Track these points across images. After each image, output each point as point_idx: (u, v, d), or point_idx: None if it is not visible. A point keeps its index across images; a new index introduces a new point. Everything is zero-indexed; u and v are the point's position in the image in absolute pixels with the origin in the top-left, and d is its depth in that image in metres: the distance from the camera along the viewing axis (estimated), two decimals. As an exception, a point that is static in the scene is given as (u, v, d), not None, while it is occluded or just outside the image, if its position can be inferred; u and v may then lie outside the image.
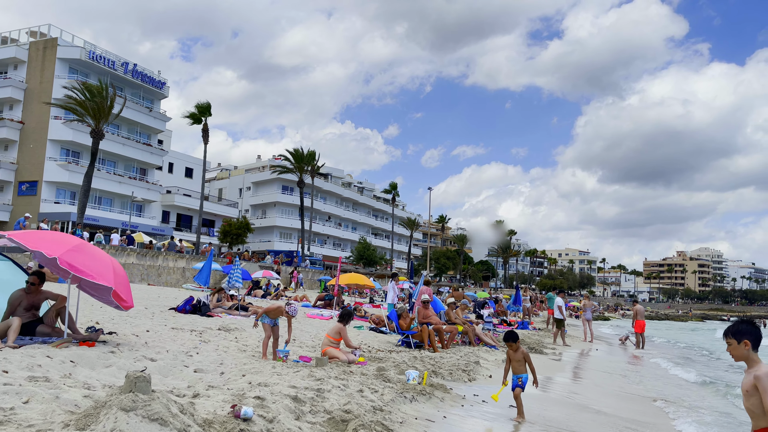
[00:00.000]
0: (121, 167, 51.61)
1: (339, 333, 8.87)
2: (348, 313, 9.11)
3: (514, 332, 6.85)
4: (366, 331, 14.60)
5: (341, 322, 8.93)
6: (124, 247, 31.91)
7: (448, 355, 10.91)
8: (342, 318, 9.01)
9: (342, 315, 9.10)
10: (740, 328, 3.40)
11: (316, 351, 9.40)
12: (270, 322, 8.15)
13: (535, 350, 14.80)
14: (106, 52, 50.19)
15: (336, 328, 8.94)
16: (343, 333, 8.83)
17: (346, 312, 9.14)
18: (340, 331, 8.88)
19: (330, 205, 78.89)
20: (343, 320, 8.96)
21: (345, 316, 9.04)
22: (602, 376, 12.38)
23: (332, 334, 8.95)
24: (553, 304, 24.84)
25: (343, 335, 8.82)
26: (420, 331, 11.90)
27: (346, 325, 8.97)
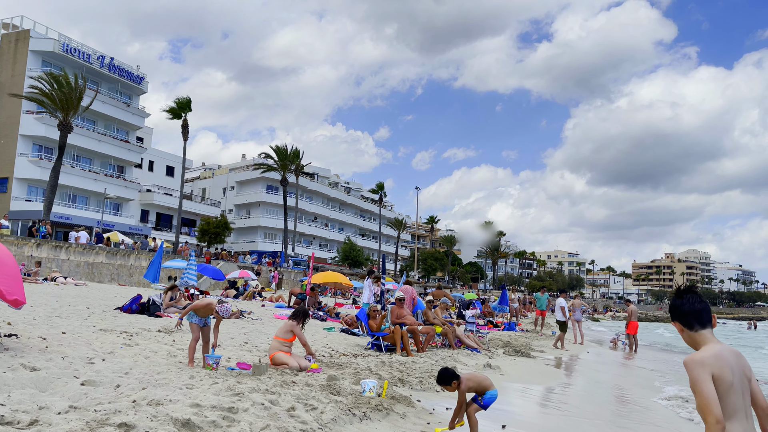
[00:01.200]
0: (97, 164, 49.82)
1: (291, 331, 7.55)
2: (303, 310, 7.77)
3: (445, 373, 5.29)
4: (336, 333, 13.26)
5: (294, 320, 7.60)
6: (93, 245, 30.30)
7: (422, 360, 9.60)
8: (295, 315, 7.68)
9: (296, 312, 7.77)
10: (670, 308, 2.50)
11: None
12: (199, 322, 6.80)
13: (522, 353, 13.53)
14: (82, 45, 48.43)
15: (286, 327, 7.62)
16: (296, 331, 7.50)
17: (301, 309, 7.80)
18: (291, 329, 7.56)
19: (316, 205, 77.41)
20: (296, 318, 7.63)
21: (299, 313, 7.71)
22: (593, 384, 11.13)
23: (281, 335, 7.62)
24: (542, 304, 23.71)
25: (297, 334, 7.49)
26: (392, 332, 10.58)
27: (302, 324, 7.62)
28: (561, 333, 17.23)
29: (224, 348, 8.65)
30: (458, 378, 5.29)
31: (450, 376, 5.24)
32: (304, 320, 7.64)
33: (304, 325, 7.63)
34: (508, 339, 17.18)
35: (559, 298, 17.80)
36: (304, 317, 7.64)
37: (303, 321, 7.61)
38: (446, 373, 5.29)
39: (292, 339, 7.57)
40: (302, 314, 7.67)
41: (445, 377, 5.27)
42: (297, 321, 7.59)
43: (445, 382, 5.25)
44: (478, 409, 5.28)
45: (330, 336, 12.42)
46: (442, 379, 5.29)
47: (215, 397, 4.47)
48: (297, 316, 7.65)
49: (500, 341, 16.16)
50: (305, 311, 7.77)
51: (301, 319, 7.61)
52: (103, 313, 11.35)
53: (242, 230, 71.25)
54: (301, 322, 7.59)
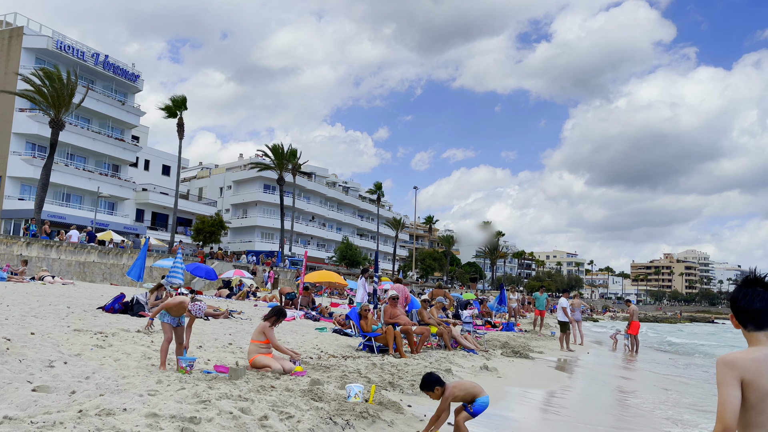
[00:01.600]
0: (91, 163, 49.28)
1: (263, 333, 7.08)
2: (279, 310, 7.29)
3: (428, 378, 4.85)
4: (328, 334, 12.80)
5: (267, 321, 7.13)
6: (84, 244, 29.80)
7: (415, 362, 9.14)
8: (269, 316, 7.21)
9: (270, 312, 7.30)
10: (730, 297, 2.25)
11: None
12: (171, 321, 6.33)
13: (521, 354, 13.08)
14: (76, 43, 47.91)
15: (259, 328, 7.15)
16: (267, 333, 7.02)
17: (277, 309, 7.32)
18: (264, 331, 7.09)
19: (314, 204, 76.92)
20: (269, 318, 7.15)
21: (274, 313, 7.24)
22: (595, 387, 10.68)
23: (256, 337, 7.15)
24: (540, 304, 23.24)
25: (268, 336, 7.01)
26: (384, 332, 10.12)
27: (275, 325, 7.14)
28: (562, 334, 16.78)
29: (205, 349, 8.19)
30: (443, 384, 4.86)
31: (433, 382, 4.81)
32: (277, 320, 7.15)
33: (274, 324, 7.13)
34: (506, 340, 16.72)
35: (561, 298, 17.33)
36: (276, 317, 7.15)
37: (275, 321, 7.12)
38: (429, 378, 4.86)
39: (267, 341, 7.11)
40: (275, 314, 7.19)
41: (428, 383, 4.84)
42: (269, 322, 7.12)
43: (427, 387, 4.83)
44: (468, 417, 4.84)
45: (321, 336, 11.96)
46: (424, 384, 4.87)
47: (177, 405, 4.01)
48: (271, 316, 7.19)
49: (498, 342, 15.71)
50: (279, 310, 7.29)
51: (273, 319, 7.13)
52: (83, 313, 10.88)
53: (239, 230, 70.76)
54: (273, 323, 7.10)
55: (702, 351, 23.23)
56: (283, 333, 12.02)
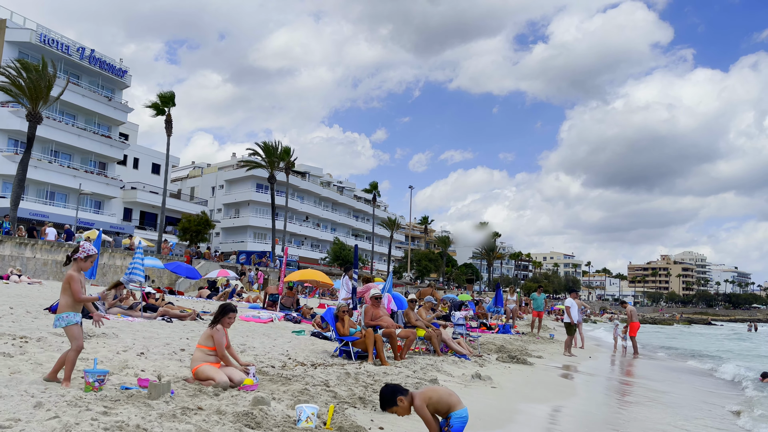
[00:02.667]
0: (77, 160, 47.93)
1: (210, 338, 5.88)
2: (222, 307, 6.08)
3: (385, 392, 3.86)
4: (305, 337, 11.57)
5: (213, 324, 5.93)
6: (62, 243, 28.50)
7: (397, 370, 7.92)
8: (215, 318, 6.00)
9: (218, 312, 6.09)
10: None
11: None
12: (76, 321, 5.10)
13: (518, 360, 11.87)
14: (62, 37, 46.58)
15: (205, 334, 5.95)
16: (216, 338, 5.82)
17: (221, 306, 6.11)
18: (211, 335, 5.88)
19: (308, 204, 75.65)
20: (215, 321, 5.95)
21: (220, 313, 6.04)
22: (602, 399, 9.49)
23: (203, 342, 5.94)
24: (538, 305, 22.05)
25: (216, 341, 5.81)
26: (363, 336, 8.90)
27: (224, 326, 5.94)
28: (568, 337, 15.58)
29: (147, 357, 6.96)
30: (405, 393, 3.73)
31: (391, 394, 3.67)
32: (221, 320, 5.95)
33: (223, 325, 5.92)
34: (502, 343, 15.51)
35: (568, 298, 16.12)
36: (221, 316, 5.96)
37: (220, 321, 5.92)
38: (386, 391, 3.72)
39: (215, 347, 5.90)
40: (219, 314, 6.00)
41: (386, 397, 3.71)
42: (215, 324, 5.92)
43: (388, 403, 3.70)
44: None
45: (296, 340, 10.73)
46: (384, 400, 3.75)
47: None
48: (216, 318, 5.99)
49: (494, 345, 14.51)
50: (222, 308, 6.08)
51: (220, 320, 5.93)
52: (24, 314, 9.64)
53: (231, 230, 69.46)
54: (220, 325, 5.90)
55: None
56: (255, 336, 10.81)
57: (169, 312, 11.85)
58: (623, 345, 19.44)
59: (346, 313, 9.28)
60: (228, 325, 5.99)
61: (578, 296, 17.40)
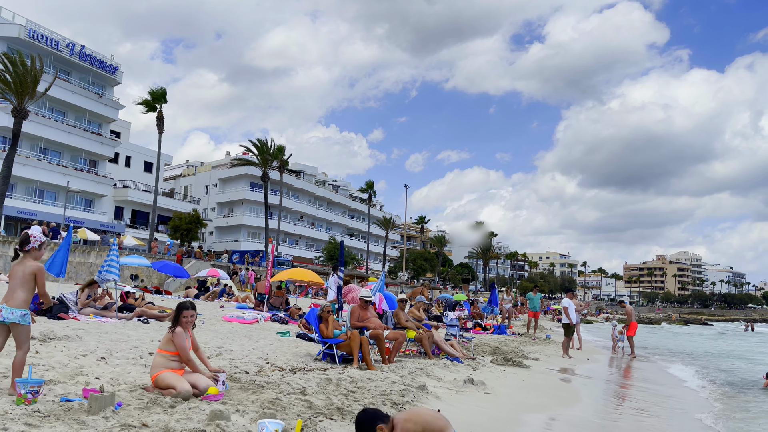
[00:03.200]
0: (66, 158, 47.16)
1: (171, 342, 5.32)
2: (179, 306, 5.53)
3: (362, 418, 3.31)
4: (290, 339, 11.00)
5: (172, 327, 5.37)
6: (48, 241, 27.80)
7: (383, 375, 7.35)
8: (173, 319, 5.44)
9: (175, 313, 5.52)
10: None
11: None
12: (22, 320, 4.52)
13: (513, 362, 11.33)
14: (52, 32, 45.81)
15: (165, 338, 5.39)
16: (177, 342, 5.27)
17: (180, 306, 5.55)
18: (171, 337, 5.33)
19: (302, 203, 75.01)
20: (174, 323, 5.39)
21: (177, 313, 5.48)
22: (602, 406, 8.95)
23: (164, 346, 5.38)
24: (534, 305, 21.51)
25: (177, 345, 5.26)
26: (348, 339, 8.33)
27: (184, 327, 5.39)
28: (566, 338, 15.04)
29: (108, 362, 6.38)
30: (386, 419, 3.16)
31: (370, 421, 3.10)
32: (178, 317, 5.40)
33: (183, 327, 5.36)
34: (497, 344, 14.98)
35: (565, 299, 15.54)
36: (176, 315, 5.41)
37: (179, 322, 5.37)
38: (363, 418, 3.15)
39: (177, 352, 5.33)
40: (176, 314, 5.45)
41: (364, 426, 3.13)
42: (174, 328, 5.37)
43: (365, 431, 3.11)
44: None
45: (279, 343, 10.16)
46: (360, 428, 3.15)
47: None
48: (175, 320, 5.43)
49: (488, 347, 13.97)
50: (179, 307, 5.53)
51: (177, 322, 5.38)
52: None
53: (225, 229, 68.78)
54: (180, 328, 5.34)
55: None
56: (235, 338, 10.24)
57: (146, 312, 11.27)
58: (620, 346, 18.99)
59: (330, 314, 8.71)
60: (187, 325, 5.43)
61: (575, 296, 16.87)
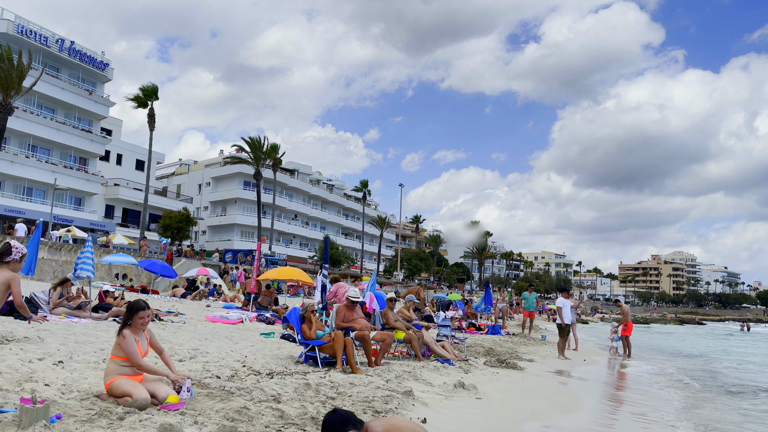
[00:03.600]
0: (56, 155, 46.48)
1: (120, 347, 4.82)
2: (131, 307, 5.02)
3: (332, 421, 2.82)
4: (273, 340, 10.51)
5: (121, 330, 4.88)
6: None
7: (367, 380, 6.87)
8: (123, 321, 4.94)
9: (125, 314, 5.02)
10: None
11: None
12: None
13: (507, 364, 10.87)
14: (41, 28, 45.11)
15: (116, 343, 4.89)
16: (124, 347, 4.77)
17: (131, 306, 5.05)
18: (119, 342, 4.84)
19: (296, 202, 74.46)
20: (122, 326, 4.90)
21: (128, 315, 4.99)
22: (602, 413, 8.49)
23: (116, 352, 4.88)
24: (530, 305, 21.07)
25: (126, 350, 4.77)
26: (331, 340, 7.85)
27: (137, 329, 4.90)
28: (560, 339, 14.58)
29: (65, 367, 5.86)
30: (359, 425, 2.69)
31: (339, 425, 2.64)
32: (130, 319, 4.90)
33: (134, 328, 4.87)
34: (491, 345, 14.53)
35: (559, 298, 15.05)
36: (129, 317, 4.91)
37: (127, 322, 4.88)
38: (332, 420, 2.68)
39: (128, 357, 4.83)
40: (127, 316, 4.95)
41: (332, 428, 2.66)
42: (121, 331, 4.87)
43: None
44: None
45: (261, 344, 9.66)
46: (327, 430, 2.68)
47: None
48: (125, 322, 4.94)
49: (482, 348, 13.53)
50: (129, 307, 5.03)
51: (127, 324, 4.89)
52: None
53: (218, 228, 68.17)
54: (126, 325, 4.86)
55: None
56: (215, 339, 9.73)
57: (122, 312, 10.73)
58: (615, 346, 18.60)
59: (314, 314, 8.22)
60: (141, 326, 4.94)
61: (570, 295, 16.42)
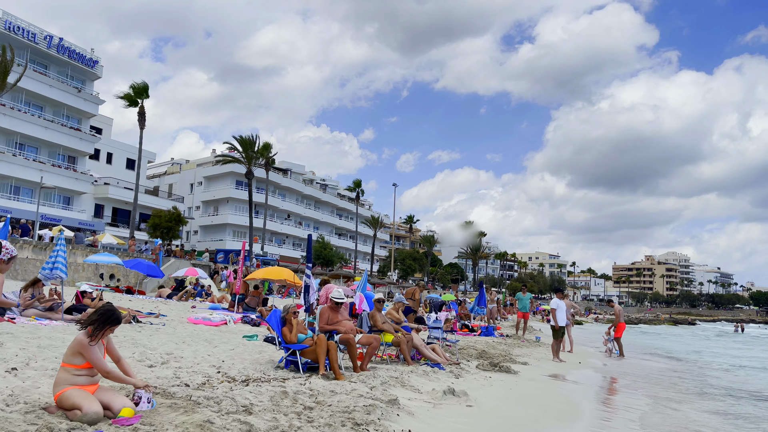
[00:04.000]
0: (44, 153, 45.76)
1: (80, 354, 4.36)
2: (103, 312, 4.56)
3: None
4: (256, 343, 10.04)
5: (88, 337, 4.42)
6: (16, 238, 26.61)
7: (350, 386, 6.41)
8: (92, 326, 4.48)
9: (97, 321, 4.54)
10: None
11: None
12: None
13: (500, 368, 10.45)
14: (29, 24, 44.37)
15: (73, 346, 4.42)
16: (87, 353, 4.32)
17: (101, 310, 4.58)
18: (79, 349, 4.37)
19: (289, 202, 73.88)
20: (87, 329, 4.44)
21: (95, 318, 4.52)
22: (593, 417, 8.07)
23: (69, 359, 4.42)
24: (524, 305, 20.68)
25: (89, 357, 4.32)
26: (313, 344, 7.39)
27: (100, 337, 4.44)
28: (554, 341, 14.17)
29: (17, 374, 5.38)
30: None
31: None
32: (100, 329, 4.44)
33: (98, 336, 4.41)
34: (484, 347, 14.12)
35: (554, 299, 14.64)
36: (98, 324, 4.44)
37: (97, 331, 4.41)
38: None
39: (85, 365, 4.37)
40: (95, 319, 4.48)
41: None
42: (93, 336, 4.41)
43: None
44: None
45: (241, 347, 9.18)
46: None
47: None
48: (92, 324, 4.47)
49: (474, 350, 13.11)
50: (102, 312, 4.56)
51: (99, 327, 4.42)
52: None
53: (210, 228, 67.51)
54: (95, 336, 4.39)
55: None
56: (193, 342, 9.25)
57: (98, 314, 10.24)
58: (608, 347, 18.28)
59: (296, 316, 7.76)
60: (101, 335, 4.48)
61: (565, 296, 16.02)
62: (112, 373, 4.53)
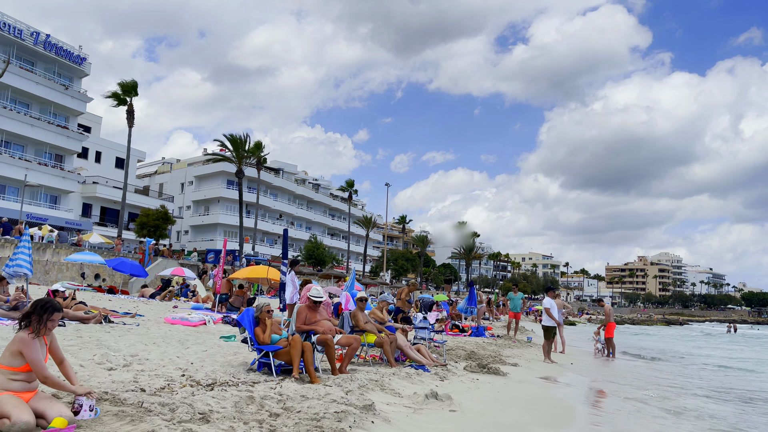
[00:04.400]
0: (30, 152, 45.01)
1: (20, 353, 3.92)
2: (37, 304, 4.12)
3: None
4: (233, 344, 9.57)
5: (29, 332, 3.98)
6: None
7: (324, 390, 5.96)
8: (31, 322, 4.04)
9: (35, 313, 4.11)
10: None
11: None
12: None
13: (489, 369, 10.02)
14: (16, 21, 43.64)
15: (12, 346, 3.98)
16: (27, 353, 3.89)
17: (35, 303, 4.14)
18: (20, 349, 3.93)
19: (281, 202, 73.30)
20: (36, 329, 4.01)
21: (39, 315, 4.09)
22: (585, 422, 7.66)
23: (7, 361, 3.97)
24: (515, 305, 20.29)
25: (29, 357, 3.89)
26: (287, 345, 6.94)
27: (40, 334, 4.00)
28: (545, 341, 13.76)
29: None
30: None
31: None
32: (41, 322, 4.00)
33: (38, 333, 3.97)
34: (473, 348, 13.70)
35: (546, 298, 14.22)
36: (37, 319, 4.01)
37: (38, 326, 3.98)
38: None
39: (24, 368, 3.91)
40: (33, 313, 4.03)
41: None
42: (36, 332, 3.95)
43: None
44: None
45: (215, 349, 8.72)
46: None
47: None
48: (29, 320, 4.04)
49: (463, 351, 12.67)
50: (36, 305, 4.12)
51: (37, 325, 3.97)
52: None
53: (201, 227, 66.84)
54: (35, 331, 3.95)
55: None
56: (164, 343, 8.77)
57: (67, 314, 9.75)
58: (598, 348, 17.95)
59: (270, 315, 7.31)
60: (49, 330, 4.05)
61: (557, 295, 15.62)
62: (50, 378, 4.07)
